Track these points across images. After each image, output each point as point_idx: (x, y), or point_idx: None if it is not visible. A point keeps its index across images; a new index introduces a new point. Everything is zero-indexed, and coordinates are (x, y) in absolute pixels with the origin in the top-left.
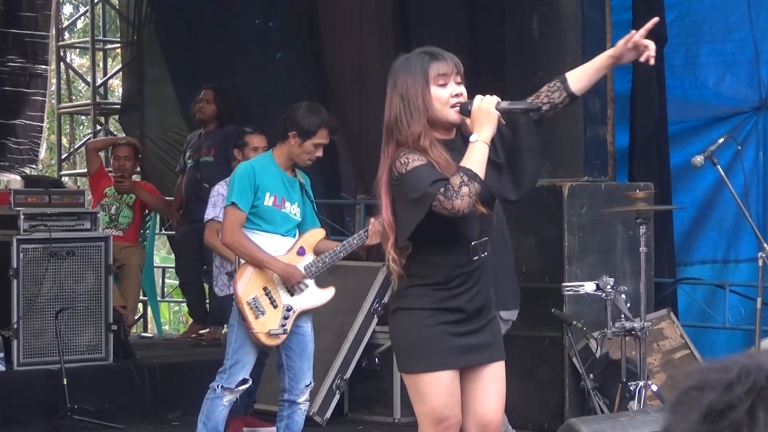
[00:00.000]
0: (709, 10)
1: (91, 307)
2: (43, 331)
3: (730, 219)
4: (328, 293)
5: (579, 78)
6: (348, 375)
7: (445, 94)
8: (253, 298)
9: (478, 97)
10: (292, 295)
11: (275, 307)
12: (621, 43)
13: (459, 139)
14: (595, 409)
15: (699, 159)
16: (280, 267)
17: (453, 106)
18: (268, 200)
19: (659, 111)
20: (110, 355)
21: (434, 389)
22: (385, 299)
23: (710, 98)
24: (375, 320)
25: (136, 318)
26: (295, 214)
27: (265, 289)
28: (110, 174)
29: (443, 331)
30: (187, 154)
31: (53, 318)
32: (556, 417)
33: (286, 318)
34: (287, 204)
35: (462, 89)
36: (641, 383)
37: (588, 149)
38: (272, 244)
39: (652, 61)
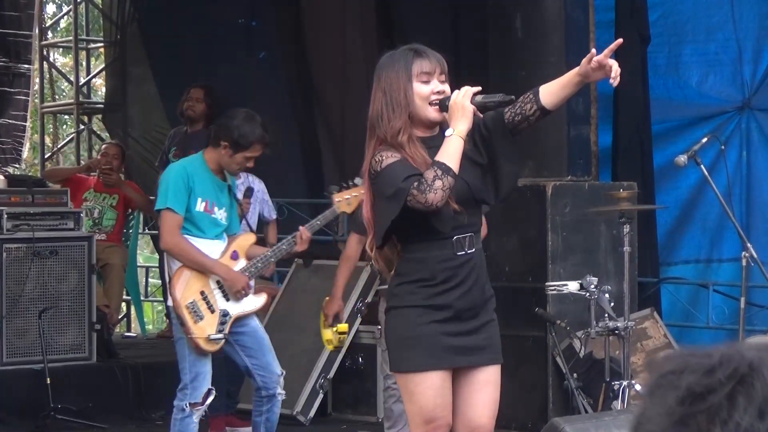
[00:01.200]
0: (692, 9)
1: (75, 306)
2: (26, 330)
3: (713, 219)
4: (261, 299)
5: (550, 92)
6: (331, 374)
7: (427, 90)
8: (192, 302)
9: (456, 92)
10: (227, 299)
11: (212, 311)
12: (584, 61)
13: (440, 136)
14: (579, 408)
15: (682, 158)
16: (226, 272)
17: (432, 103)
18: (200, 205)
19: (642, 110)
20: (93, 355)
21: (423, 389)
22: (369, 299)
23: (693, 98)
24: (359, 319)
25: (119, 317)
26: (222, 219)
27: (202, 293)
28: (91, 175)
29: (435, 331)
30: (172, 151)
31: (36, 318)
32: (539, 416)
33: (223, 323)
34: (216, 209)
35: (445, 87)
36: (625, 383)
37: (571, 149)
38: (203, 248)
39: (615, 83)
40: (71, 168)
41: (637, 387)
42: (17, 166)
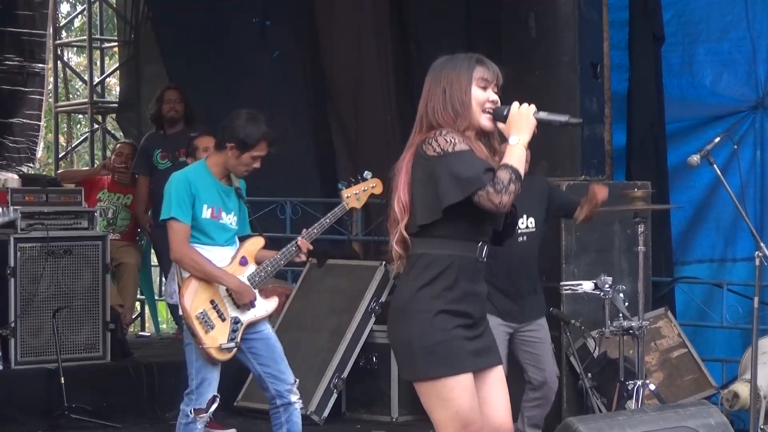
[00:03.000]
0: (705, 9)
1: (89, 305)
2: (40, 329)
3: (727, 218)
4: (272, 303)
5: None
6: (345, 374)
7: (484, 96)
8: (202, 312)
9: (516, 103)
10: (238, 306)
11: (223, 320)
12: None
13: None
14: (593, 408)
15: (696, 158)
16: (235, 283)
17: (485, 111)
18: (206, 212)
19: (656, 110)
20: (108, 354)
21: (459, 393)
22: (383, 298)
23: (707, 97)
24: (372, 319)
25: (133, 317)
26: (231, 224)
27: (212, 302)
28: (105, 175)
29: (460, 335)
30: (158, 154)
31: (51, 317)
32: (553, 416)
33: (234, 331)
34: (223, 214)
35: (497, 99)
36: (639, 382)
37: (585, 148)
38: (213, 256)
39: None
40: (85, 170)
41: (651, 386)
42: (31, 165)
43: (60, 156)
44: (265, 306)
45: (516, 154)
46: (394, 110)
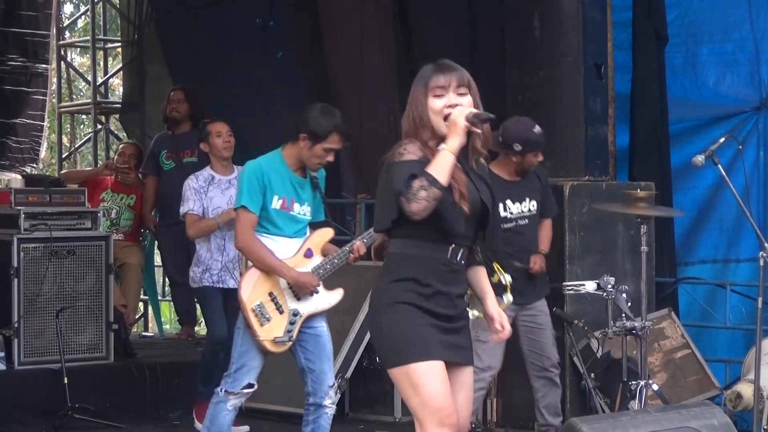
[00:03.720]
0: (709, 9)
1: (92, 306)
2: (43, 330)
3: (730, 218)
4: (337, 295)
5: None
6: (349, 374)
7: (439, 105)
8: (259, 305)
9: (458, 108)
10: (298, 299)
11: (281, 312)
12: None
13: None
14: (596, 408)
15: (700, 158)
16: (293, 276)
17: (446, 117)
18: (276, 203)
19: (660, 110)
20: (111, 355)
21: (430, 378)
22: None
23: (711, 98)
24: None
25: (136, 317)
26: (304, 214)
27: (270, 294)
28: (107, 176)
29: (431, 325)
30: (163, 154)
31: (54, 317)
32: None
33: (292, 323)
34: (296, 206)
35: (462, 100)
36: (642, 383)
37: (589, 149)
38: (280, 247)
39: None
40: (88, 170)
41: (654, 387)
42: (35, 165)
43: (63, 156)
44: (327, 298)
45: (438, 160)
46: (397, 111)
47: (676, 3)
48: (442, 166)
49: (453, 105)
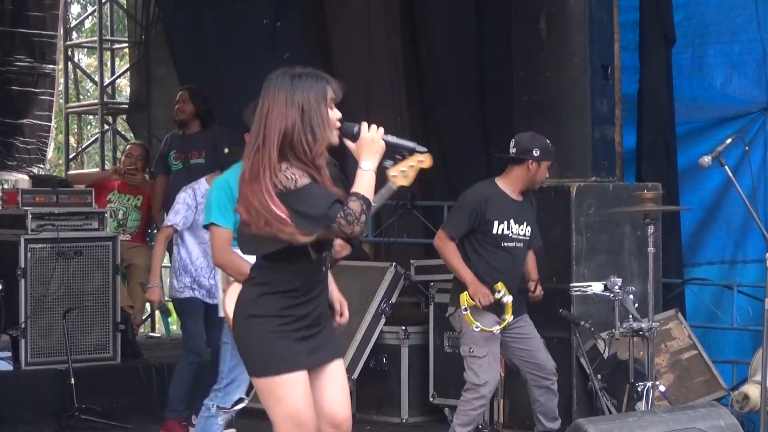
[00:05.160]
0: (716, 10)
1: (99, 306)
2: (50, 330)
3: (737, 219)
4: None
5: None
6: (356, 375)
7: (335, 116)
8: None
9: (365, 125)
10: None
11: None
12: None
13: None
14: (603, 409)
15: (706, 159)
16: None
17: (338, 129)
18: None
19: (667, 112)
20: (118, 355)
21: (294, 391)
22: (393, 300)
23: (718, 99)
24: (383, 320)
25: (143, 318)
26: None
27: None
28: (116, 180)
29: (293, 336)
30: (172, 155)
31: (61, 318)
32: (564, 417)
33: None
34: None
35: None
36: (649, 384)
37: (596, 150)
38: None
39: None
40: (96, 174)
41: (661, 388)
42: (42, 166)
43: (70, 157)
44: None
45: (366, 180)
46: (404, 111)
47: (683, 4)
48: (371, 188)
49: (339, 119)
